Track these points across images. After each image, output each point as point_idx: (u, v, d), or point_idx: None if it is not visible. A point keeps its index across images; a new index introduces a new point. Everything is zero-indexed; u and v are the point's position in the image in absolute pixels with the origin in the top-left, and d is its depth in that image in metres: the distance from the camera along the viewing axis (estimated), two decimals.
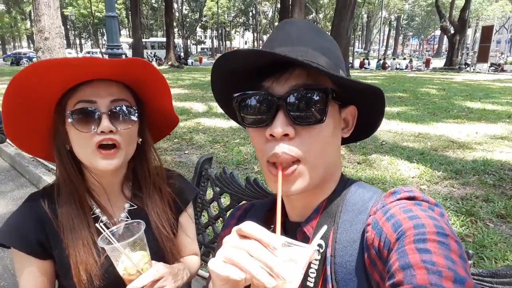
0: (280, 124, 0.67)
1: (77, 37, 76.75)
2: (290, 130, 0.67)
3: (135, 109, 1.06)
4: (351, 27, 15.32)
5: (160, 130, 1.26)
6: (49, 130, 1.05)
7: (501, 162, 4.78)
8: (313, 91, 0.68)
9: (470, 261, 0.87)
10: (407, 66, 33.64)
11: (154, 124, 1.20)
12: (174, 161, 4.98)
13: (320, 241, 0.72)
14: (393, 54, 70.75)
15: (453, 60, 29.06)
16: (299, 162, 0.69)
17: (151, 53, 41.88)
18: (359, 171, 4.52)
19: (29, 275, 1.05)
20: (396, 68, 33.24)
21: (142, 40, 34.07)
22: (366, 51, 70.22)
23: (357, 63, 36.75)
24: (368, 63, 35.54)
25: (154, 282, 0.97)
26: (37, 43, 10.96)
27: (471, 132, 6.65)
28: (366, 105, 0.78)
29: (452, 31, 28.99)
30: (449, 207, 3.47)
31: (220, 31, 70.74)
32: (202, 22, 66.22)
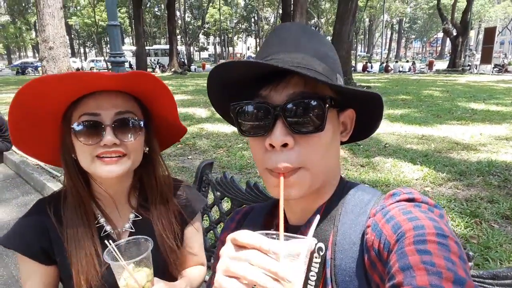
0: (279, 133, 0.67)
1: (82, 46, 77.50)
2: (289, 140, 0.67)
3: (141, 120, 1.05)
4: (353, 31, 15.34)
5: (167, 138, 1.26)
6: (57, 137, 1.06)
7: (506, 163, 4.74)
8: (311, 99, 0.68)
9: (471, 263, 0.87)
10: (410, 69, 33.55)
11: (162, 133, 1.19)
12: (177, 167, 5.00)
13: (320, 244, 0.72)
14: (396, 57, 70.59)
15: (456, 62, 28.94)
16: (300, 168, 0.69)
17: (154, 60, 42.14)
18: (362, 174, 4.51)
19: (33, 279, 1.06)
20: (399, 71, 33.15)
21: (146, 47, 34.34)
22: (368, 55, 70.26)
23: (360, 66, 36.71)
24: (371, 67, 35.47)
25: None
26: (41, 52, 11.12)
27: (475, 133, 6.61)
28: (364, 108, 0.78)
29: (455, 33, 28.91)
30: (453, 209, 3.44)
31: (222, 38, 71.13)
32: (205, 29, 66.55)
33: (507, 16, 59.54)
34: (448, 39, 35.91)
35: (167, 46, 37.19)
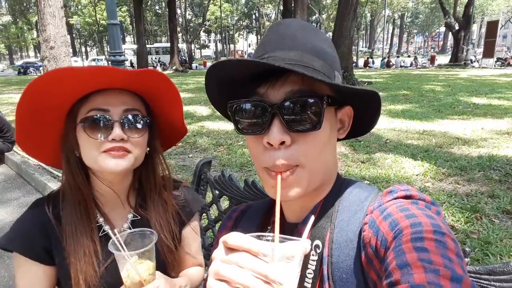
0: (276, 131, 0.67)
1: (83, 45, 77.54)
2: (286, 138, 0.67)
3: (146, 118, 1.07)
4: (354, 26, 15.25)
5: (167, 140, 1.26)
6: (58, 137, 1.07)
7: (507, 157, 4.73)
8: (308, 97, 0.68)
9: (467, 259, 0.87)
10: (411, 64, 33.37)
11: (163, 134, 1.20)
12: (177, 165, 5.01)
13: (317, 242, 0.72)
14: (398, 52, 70.26)
15: (459, 56, 28.79)
16: (297, 166, 0.69)
17: (155, 58, 42.11)
18: (363, 170, 4.51)
19: (30, 281, 1.05)
20: (401, 66, 33.00)
21: (147, 46, 34.32)
22: (370, 50, 69.88)
23: (361, 62, 36.56)
24: (373, 62, 35.30)
25: None
26: (43, 52, 11.08)
27: (477, 128, 6.59)
28: (362, 105, 0.78)
29: (457, 27, 28.74)
30: (453, 204, 3.44)
31: (223, 35, 70.98)
32: (206, 27, 66.51)
33: (510, 9, 59.01)
34: (450, 33, 35.65)
35: (168, 44, 37.15)
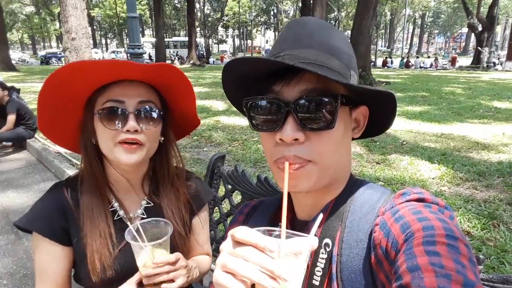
0: (290, 129, 0.67)
1: (103, 37, 78.85)
2: (299, 135, 0.67)
3: (160, 110, 1.10)
4: (373, 25, 15.04)
5: (181, 130, 1.30)
6: (78, 124, 1.12)
7: None
8: (323, 96, 0.68)
9: (481, 266, 0.85)
10: (431, 65, 32.71)
11: (176, 125, 1.24)
12: (192, 158, 5.05)
13: (327, 240, 0.72)
14: (418, 52, 68.92)
15: (481, 58, 28.08)
16: (309, 162, 0.69)
17: (173, 52, 42.44)
18: (377, 171, 4.45)
19: (49, 260, 1.09)
20: (420, 67, 32.39)
21: (165, 39, 34.63)
22: (389, 50, 68.79)
23: (380, 61, 36.00)
24: (391, 62, 34.74)
25: (173, 264, 1.01)
26: (64, 43, 11.37)
27: (498, 132, 6.42)
28: (377, 106, 0.77)
29: (480, 29, 28.00)
30: (470, 210, 3.37)
31: (241, 30, 70.95)
32: (224, 22, 66.59)
33: None
34: (473, 34, 34.76)
35: (186, 38, 37.39)
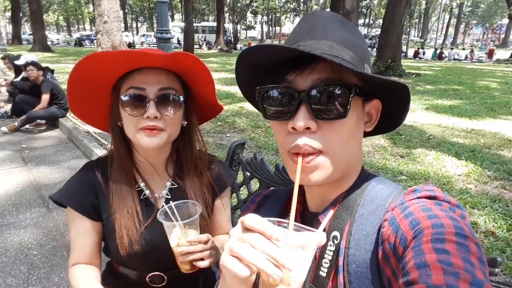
0: (302, 118, 0.68)
1: (134, 20, 79.88)
2: (312, 124, 0.68)
3: (181, 97, 1.14)
4: (406, 14, 14.47)
5: (204, 115, 1.34)
6: (107, 107, 1.19)
7: None
8: (336, 86, 0.68)
9: (498, 269, 0.84)
10: (466, 57, 31.23)
11: (200, 109, 1.28)
12: (215, 143, 5.12)
13: (335, 233, 0.73)
14: (452, 43, 65.85)
15: None
16: (321, 153, 0.70)
17: (201, 37, 42.58)
18: (401, 165, 4.37)
19: (79, 233, 1.20)
20: (454, 59, 31.01)
21: (194, 24, 34.67)
22: (422, 40, 66.15)
23: (411, 52, 34.68)
24: (423, 53, 33.37)
25: (205, 243, 1.08)
26: (97, 26, 11.65)
27: None
28: (390, 100, 0.77)
29: None
30: (496, 209, 3.26)
31: (270, 17, 70.05)
32: (253, 8, 65.91)
33: None
34: None
35: (215, 24, 37.34)
